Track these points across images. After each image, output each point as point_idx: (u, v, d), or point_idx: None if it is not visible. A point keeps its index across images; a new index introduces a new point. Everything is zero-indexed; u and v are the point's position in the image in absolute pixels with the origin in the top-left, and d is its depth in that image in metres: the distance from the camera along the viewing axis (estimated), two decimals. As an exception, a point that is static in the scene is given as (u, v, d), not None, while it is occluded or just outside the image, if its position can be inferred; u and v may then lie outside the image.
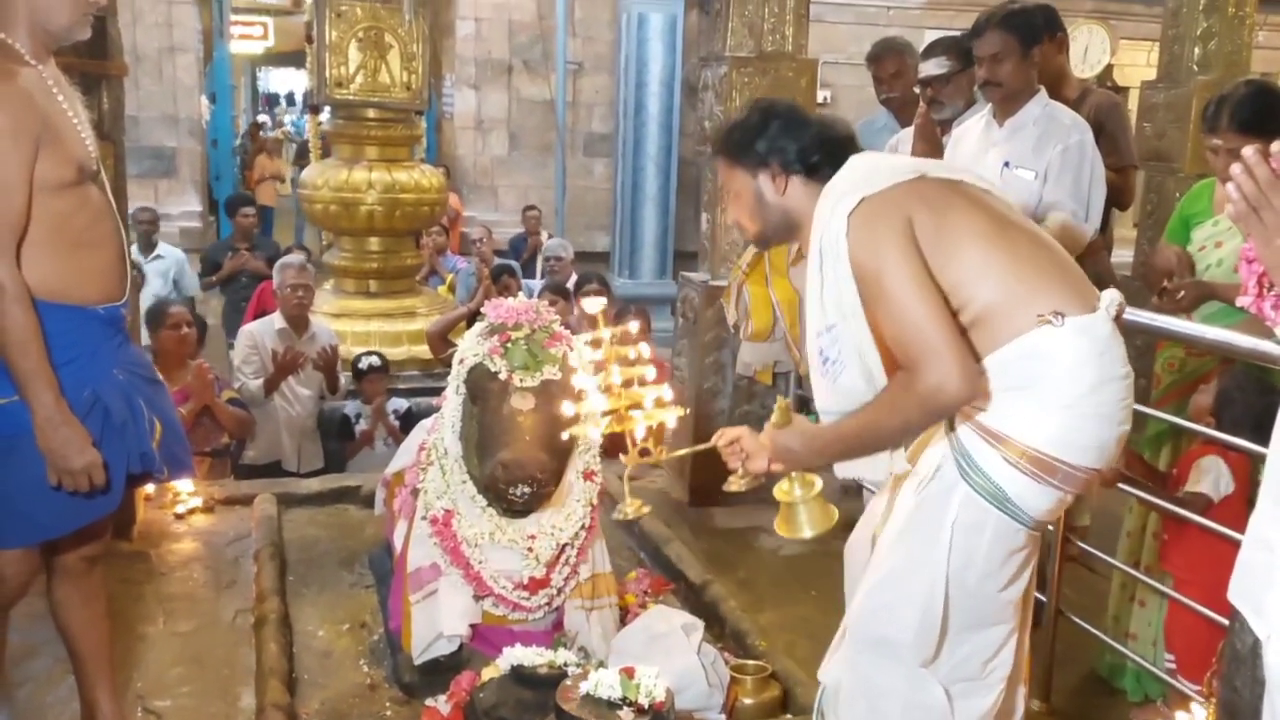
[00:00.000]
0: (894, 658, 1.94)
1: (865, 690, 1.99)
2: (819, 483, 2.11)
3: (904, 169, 1.99)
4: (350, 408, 5.25)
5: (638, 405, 2.15)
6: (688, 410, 3.98)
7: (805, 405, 3.74)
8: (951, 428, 1.93)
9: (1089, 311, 1.87)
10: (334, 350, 5.23)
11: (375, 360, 5.27)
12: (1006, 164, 3.17)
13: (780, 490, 2.12)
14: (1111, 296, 1.91)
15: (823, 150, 2.06)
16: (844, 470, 2.10)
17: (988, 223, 1.93)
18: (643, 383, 2.17)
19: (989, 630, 1.96)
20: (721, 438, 2.22)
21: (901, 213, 1.89)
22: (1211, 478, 2.51)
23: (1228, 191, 1.43)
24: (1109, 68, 11.50)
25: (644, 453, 2.19)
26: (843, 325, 1.93)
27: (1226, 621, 2.19)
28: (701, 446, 2.25)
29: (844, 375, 1.96)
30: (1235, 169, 1.41)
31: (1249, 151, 1.40)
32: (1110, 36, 11.20)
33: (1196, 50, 4.19)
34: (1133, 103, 9.49)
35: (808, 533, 2.12)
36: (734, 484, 2.22)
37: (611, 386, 2.15)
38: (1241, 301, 1.63)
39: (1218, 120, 2.74)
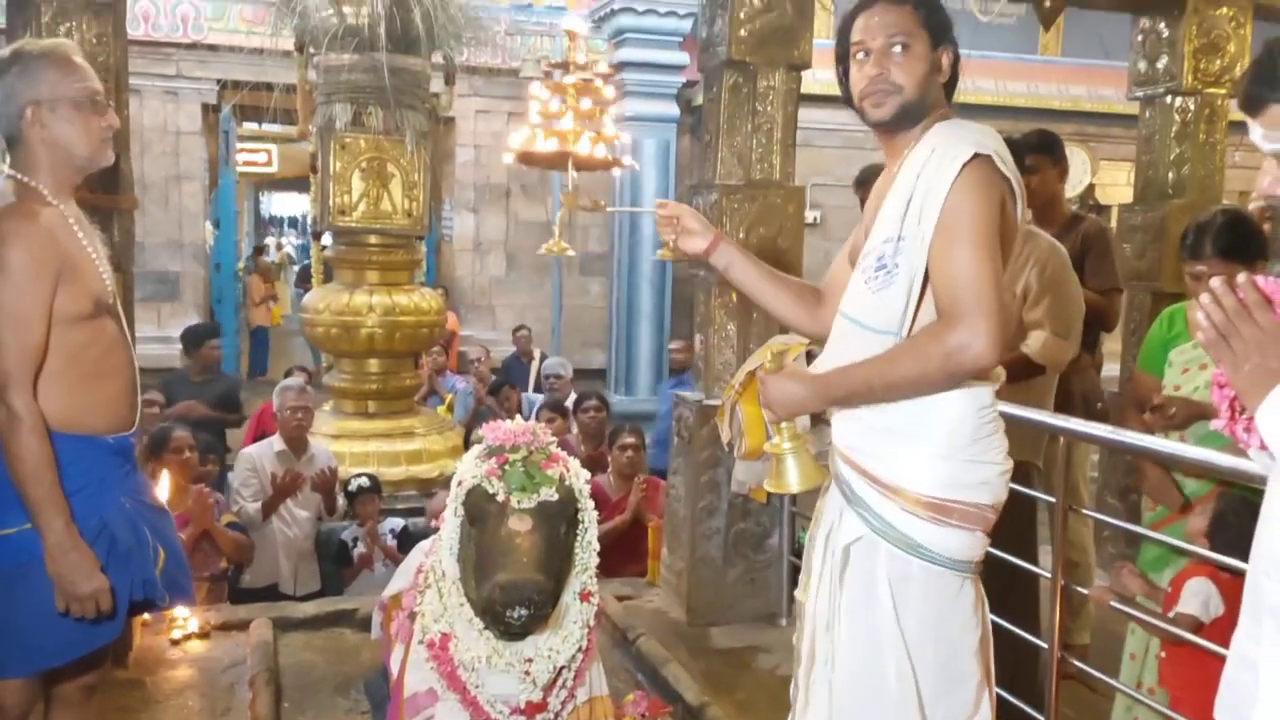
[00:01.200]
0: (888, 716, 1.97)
1: None
2: (811, 441, 2.13)
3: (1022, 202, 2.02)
4: (347, 532, 5.26)
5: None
6: (679, 506, 4.02)
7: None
8: (836, 471, 2.03)
9: (984, 383, 1.98)
10: (333, 472, 5.27)
11: (365, 481, 5.30)
12: None
13: (770, 445, 2.15)
14: (1000, 373, 2.02)
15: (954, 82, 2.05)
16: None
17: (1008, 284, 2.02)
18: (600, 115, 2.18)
19: (960, 687, 1.99)
20: (664, 208, 2.24)
21: (1001, 202, 1.93)
22: (1200, 600, 2.53)
23: (1198, 320, 1.49)
24: (1090, 187, 11.82)
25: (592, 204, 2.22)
26: (910, 242, 1.92)
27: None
28: (642, 209, 2.27)
29: (890, 289, 1.95)
30: (1204, 298, 1.48)
31: (1216, 283, 1.47)
32: (1090, 157, 11.54)
33: (1170, 175, 4.35)
34: (1114, 219, 9.73)
35: (795, 486, 2.12)
36: (663, 254, 2.26)
37: (572, 109, 2.17)
38: (1215, 425, 1.68)
39: (1200, 248, 2.85)
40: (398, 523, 5.28)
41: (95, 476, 2.22)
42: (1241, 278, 1.48)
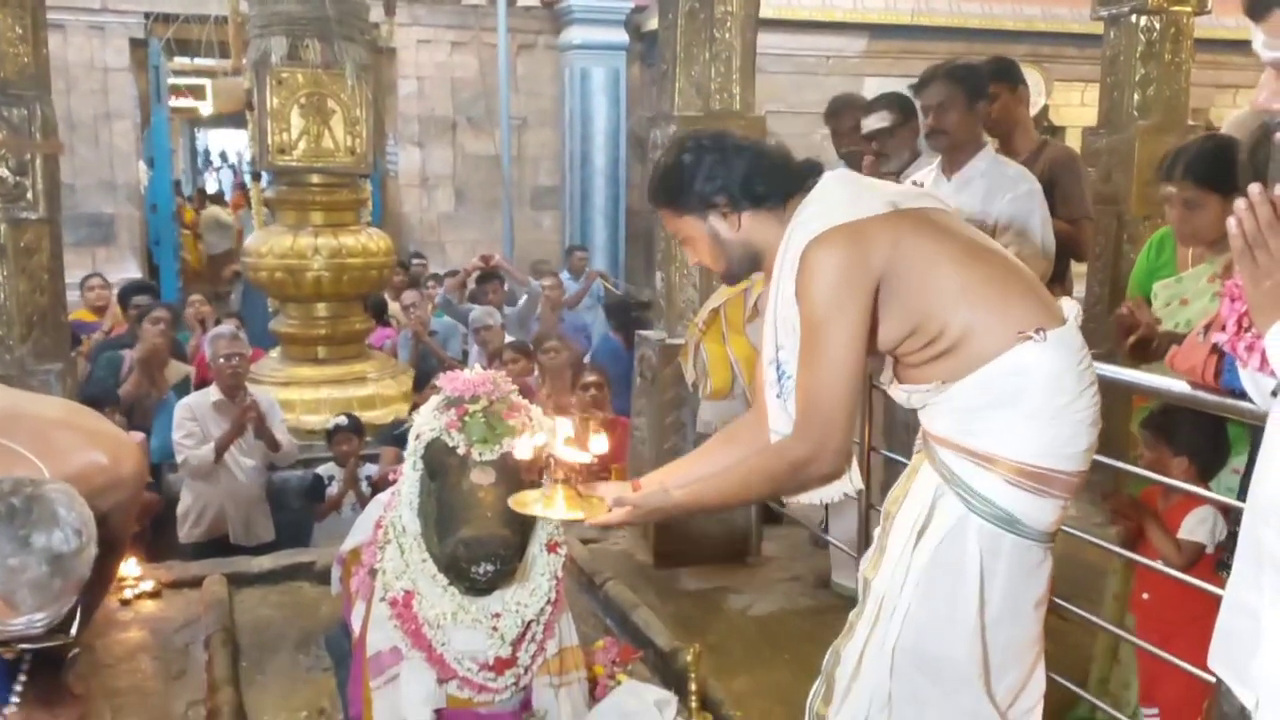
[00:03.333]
0: (956, 696, 1.91)
1: None
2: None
3: (878, 199, 1.94)
4: (324, 469, 5.16)
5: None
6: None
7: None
8: (933, 456, 1.94)
9: (1060, 324, 1.90)
10: (255, 408, 5.07)
11: (343, 420, 5.19)
12: None
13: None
14: (1072, 306, 1.97)
15: (766, 178, 1.99)
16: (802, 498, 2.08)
17: (960, 248, 1.93)
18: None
19: (1026, 654, 1.96)
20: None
21: (868, 255, 1.86)
22: (1207, 527, 2.52)
23: (1228, 225, 1.42)
24: (1045, 109, 11.76)
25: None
26: (792, 346, 1.93)
27: (1202, 674, 2.16)
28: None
29: (794, 397, 1.95)
30: (1239, 204, 1.40)
31: (1255, 189, 1.40)
32: (1045, 79, 11.46)
33: (1136, 96, 4.27)
34: (1069, 141, 9.69)
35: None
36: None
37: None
38: (1217, 338, 1.62)
39: (1174, 169, 2.77)
40: (375, 469, 5.16)
41: None
42: None
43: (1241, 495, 2.39)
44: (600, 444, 2.11)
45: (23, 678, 1.94)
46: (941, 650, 1.91)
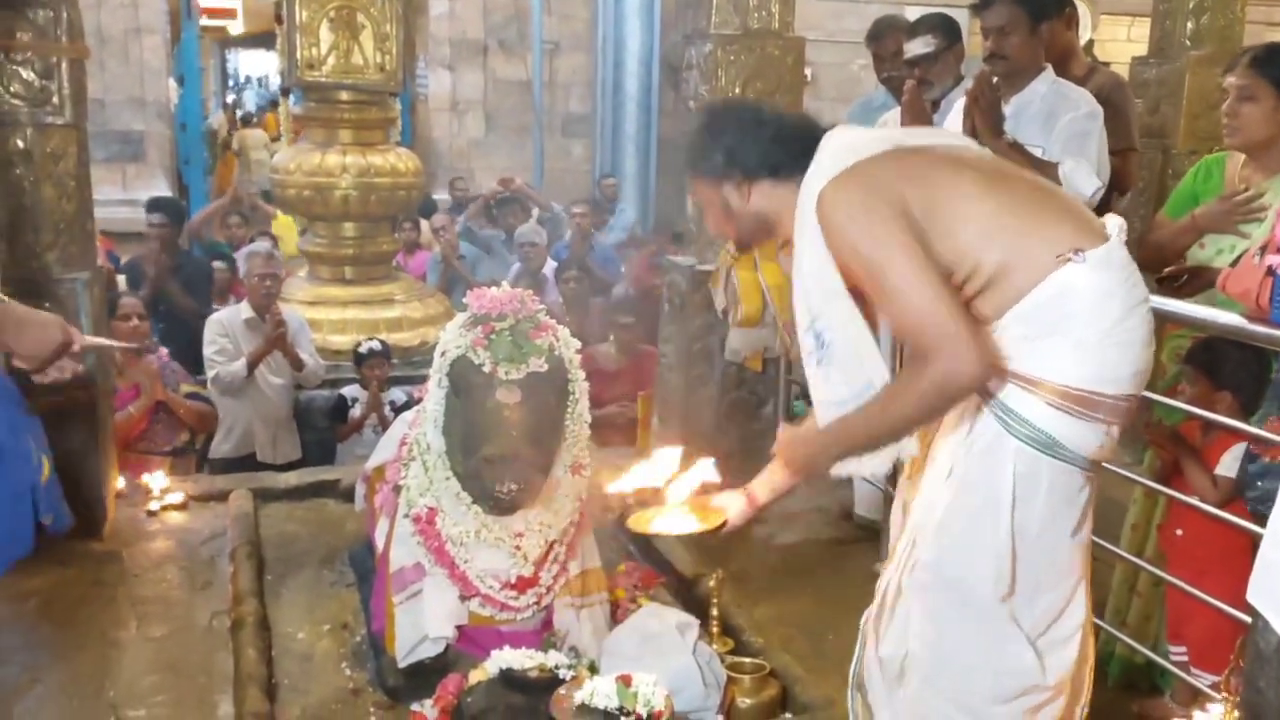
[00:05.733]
0: (977, 618, 1.88)
1: (949, 661, 1.90)
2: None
3: (878, 141, 1.90)
4: (349, 390, 5.16)
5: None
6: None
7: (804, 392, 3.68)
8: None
9: (1103, 243, 1.82)
10: (279, 324, 5.02)
11: (375, 345, 5.17)
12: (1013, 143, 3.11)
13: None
14: (1116, 222, 1.88)
15: (785, 149, 1.97)
16: (842, 468, 2.02)
17: (978, 181, 1.88)
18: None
19: (1061, 582, 1.91)
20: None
21: (889, 187, 1.82)
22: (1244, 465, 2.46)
23: None
24: (1090, 43, 11.45)
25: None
26: (826, 307, 1.89)
27: (1235, 612, 2.13)
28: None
29: (836, 359, 1.91)
30: None
31: None
32: (1092, 12, 11.09)
33: (1189, 25, 4.13)
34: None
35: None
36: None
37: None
38: (1272, 260, 1.57)
39: (1240, 60, 2.67)
40: (401, 395, 5.14)
41: None
42: None
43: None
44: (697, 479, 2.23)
45: None
46: (961, 571, 1.88)
